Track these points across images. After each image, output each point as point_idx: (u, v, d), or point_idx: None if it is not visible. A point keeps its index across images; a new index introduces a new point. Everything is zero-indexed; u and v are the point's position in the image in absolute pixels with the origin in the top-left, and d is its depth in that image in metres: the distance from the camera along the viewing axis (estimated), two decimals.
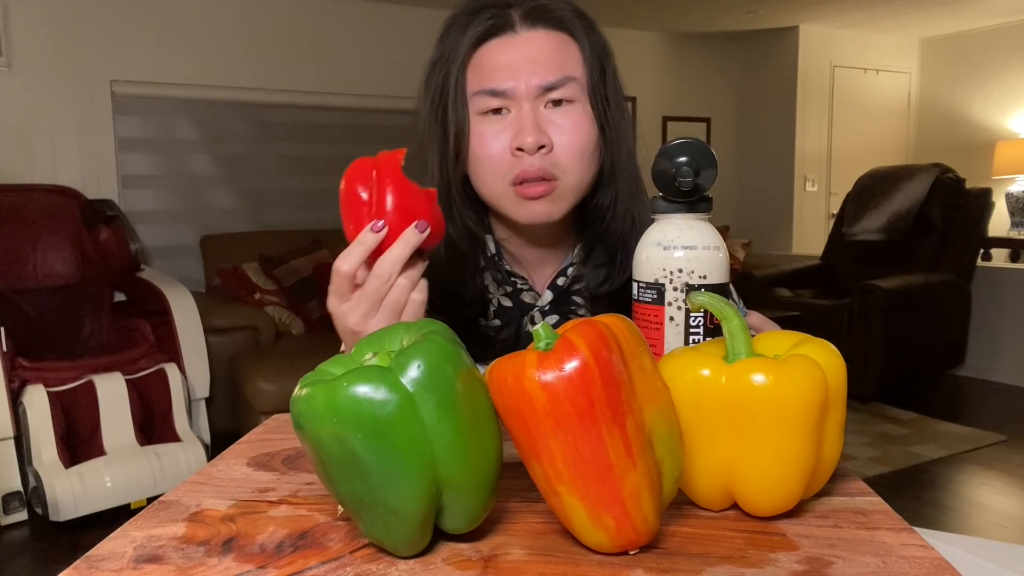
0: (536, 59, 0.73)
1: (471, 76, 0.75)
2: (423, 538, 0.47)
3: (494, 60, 0.74)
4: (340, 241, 0.58)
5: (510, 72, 0.73)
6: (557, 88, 0.73)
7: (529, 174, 0.72)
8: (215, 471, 0.64)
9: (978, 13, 4.72)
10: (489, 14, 0.74)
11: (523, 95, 0.73)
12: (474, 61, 0.75)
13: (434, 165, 0.77)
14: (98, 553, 0.49)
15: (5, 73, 3.34)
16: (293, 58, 4.00)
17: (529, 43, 0.73)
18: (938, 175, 4.06)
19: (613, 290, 0.80)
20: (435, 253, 0.77)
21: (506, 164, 0.73)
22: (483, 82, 0.74)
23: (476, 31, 0.74)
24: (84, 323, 3.12)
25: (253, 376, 2.92)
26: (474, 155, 0.75)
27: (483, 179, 0.76)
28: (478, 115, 0.75)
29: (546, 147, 0.72)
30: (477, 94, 0.74)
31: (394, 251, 0.58)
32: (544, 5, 0.75)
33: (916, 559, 0.46)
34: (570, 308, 0.83)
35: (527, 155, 0.72)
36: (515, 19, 0.74)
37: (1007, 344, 4.12)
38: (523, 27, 0.74)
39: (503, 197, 0.75)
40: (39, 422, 2.42)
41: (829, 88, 5.23)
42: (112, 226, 3.17)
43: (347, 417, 0.42)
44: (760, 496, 0.50)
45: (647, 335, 0.60)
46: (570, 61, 0.74)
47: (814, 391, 0.47)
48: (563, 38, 0.75)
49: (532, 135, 0.71)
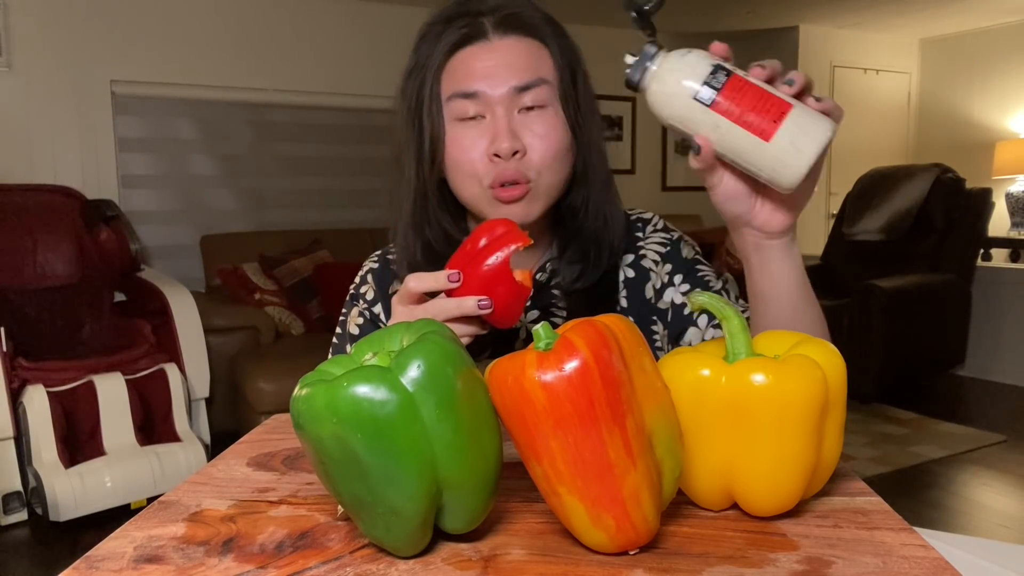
0: (509, 64, 0.75)
1: (445, 82, 0.77)
2: (423, 538, 0.47)
3: (468, 66, 0.76)
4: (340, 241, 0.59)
5: (484, 76, 0.75)
6: (531, 89, 0.75)
7: (505, 177, 0.75)
8: (215, 471, 0.64)
9: (978, 13, 4.72)
10: (462, 23, 0.77)
11: (497, 101, 0.75)
12: (448, 68, 0.77)
13: (410, 170, 0.80)
14: (98, 553, 0.49)
15: (5, 73, 3.34)
16: (293, 58, 3.99)
17: (502, 49, 0.76)
18: (938, 175, 4.06)
19: (588, 286, 0.83)
20: (413, 259, 0.81)
21: (483, 169, 0.76)
22: (457, 86, 0.76)
23: (450, 39, 0.77)
24: (84, 323, 3.12)
25: (253, 376, 2.92)
26: (451, 160, 0.77)
27: (461, 183, 0.78)
28: (454, 121, 0.77)
29: (520, 152, 0.75)
30: (452, 98, 0.76)
31: (448, 303, 0.63)
32: (516, 13, 0.77)
33: (916, 559, 0.46)
34: (550, 302, 0.85)
35: (503, 160, 0.74)
36: (487, 27, 0.76)
37: (1007, 344, 4.12)
38: (495, 35, 0.76)
39: (480, 200, 0.77)
40: (39, 422, 2.42)
41: (829, 88, 5.23)
42: (112, 226, 3.17)
43: (347, 417, 0.42)
44: (760, 496, 0.50)
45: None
46: (542, 66, 0.77)
47: (814, 391, 0.47)
48: (534, 44, 0.77)
49: (507, 141, 0.73)
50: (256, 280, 3.50)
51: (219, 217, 3.90)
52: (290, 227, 3.96)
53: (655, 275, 0.85)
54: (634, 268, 0.86)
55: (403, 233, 0.82)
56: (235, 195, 3.97)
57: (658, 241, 0.87)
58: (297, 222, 4.02)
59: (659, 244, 0.87)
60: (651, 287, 0.85)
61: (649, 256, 0.86)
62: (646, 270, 0.86)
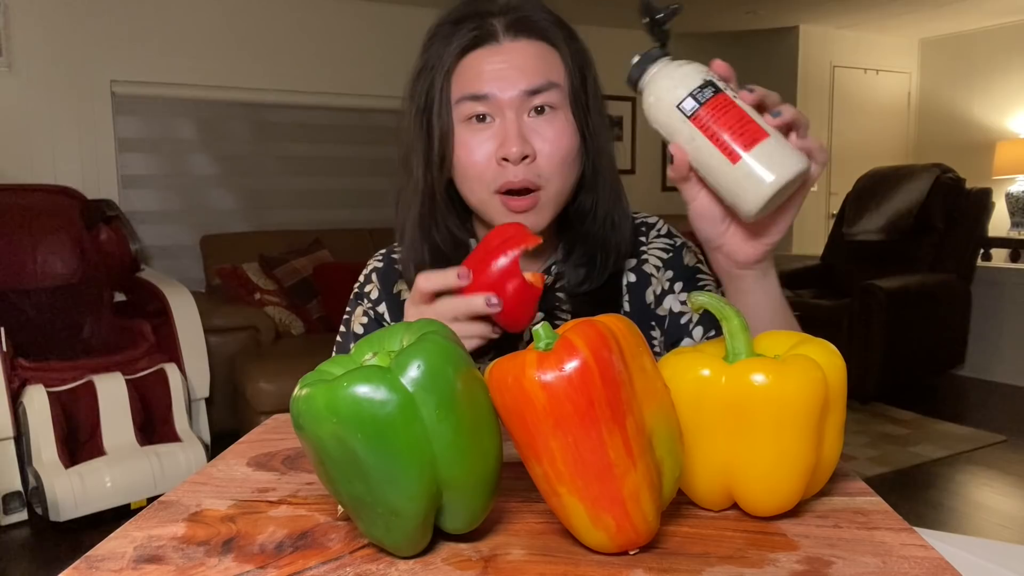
0: (519, 67, 0.75)
1: (455, 84, 0.77)
2: (423, 538, 0.47)
3: (478, 68, 0.75)
4: (340, 241, 0.59)
5: (494, 79, 0.74)
6: (541, 93, 0.75)
7: (513, 184, 0.74)
8: (215, 471, 0.64)
9: (978, 13, 4.72)
10: (472, 24, 0.76)
11: (507, 104, 0.74)
12: (459, 70, 0.77)
13: (418, 171, 0.79)
14: (98, 553, 0.49)
15: (5, 73, 3.34)
16: (293, 58, 3.99)
17: (512, 52, 0.75)
18: (938, 175, 4.06)
19: (593, 289, 0.82)
20: (421, 261, 0.80)
21: (491, 173, 0.75)
22: (467, 88, 0.75)
23: (460, 41, 0.76)
24: (84, 323, 3.12)
25: (253, 376, 2.92)
26: (459, 162, 0.77)
27: (469, 186, 0.78)
28: (463, 122, 0.76)
29: (529, 157, 0.74)
30: (461, 100, 0.76)
31: (457, 302, 0.64)
32: (526, 16, 0.77)
33: (916, 559, 0.46)
34: (554, 304, 0.85)
35: (511, 165, 0.74)
36: (498, 29, 0.76)
37: (1007, 344, 4.12)
38: (506, 37, 0.76)
39: (488, 204, 0.77)
40: (39, 422, 2.42)
41: (829, 88, 5.23)
42: (112, 226, 3.17)
43: (347, 417, 0.42)
44: (760, 496, 0.50)
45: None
46: (552, 69, 0.76)
47: (814, 391, 0.47)
48: (545, 47, 0.77)
49: (516, 145, 0.73)
50: (256, 280, 3.50)
51: (219, 217, 3.90)
52: (290, 227, 3.96)
53: (656, 280, 0.85)
54: (636, 273, 0.86)
55: (411, 235, 0.81)
56: (235, 195, 3.97)
57: (661, 247, 0.87)
58: (297, 222, 4.02)
59: (662, 250, 0.87)
60: (651, 292, 0.85)
61: (651, 261, 0.86)
62: (647, 275, 0.85)
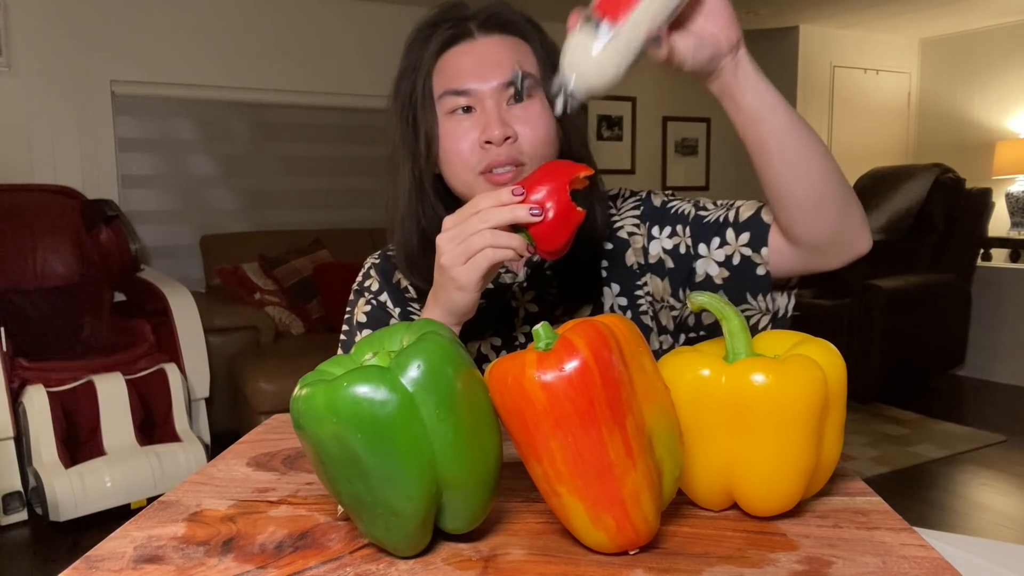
0: (495, 60, 0.81)
1: (437, 81, 0.83)
2: (423, 538, 0.47)
3: (457, 64, 0.82)
4: (340, 241, 0.59)
5: (473, 73, 0.80)
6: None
7: (497, 162, 0.79)
8: (215, 471, 0.64)
9: (978, 13, 4.72)
10: (448, 25, 0.83)
11: (487, 94, 0.80)
12: (439, 68, 0.83)
13: (405, 167, 0.85)
14: (98, 553, 0.49)
15: (5, 73, 3.34)
16: (292, 58, 3.99)
17: (487, 47, 0.82)
18: (938, 175, 4.06)
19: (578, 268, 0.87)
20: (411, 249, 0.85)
21: (476, 157, 0.80)
22: (449, 84, 0.81)
23: (439, 40, 0.83)
24: (84, 323, 3.12)
25: (253, 376, 2.92)
26: (445, 151, 0.82)
27: (455, 172, 0.83)
28: (446, 115, 0.82)
29: (511, 138, 0.79)
30: (444, 95, 0.82)
31: (501, 209, 0.65)
32: (497, 13, 0.84)
33: (916, 559, 0.46)
34: (544, 286, 0.89)
35: (495, 147, 0.79)
36: (472, 28, 0.83)
37: (1007, 344, 4.11)
38: (480, 34, 0.83)
39: (474, 186, 0.81)
40: (39, 422, 2.42)
41: (829, 88, 5.23)
42: (112, 226, 3.17)
43: (347, 417, 0.42)
44: (760, 496, 0.50)
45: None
46: (525, 60, 0.82)
47: (814, 391, 0.47)
48: (517, 41, 0.84)
49: (499, 128, 0.78)
50: (256, 280, 3.50)
51: (219, 217, 3.90)
52: (290, 227, 3.96)
53: (638, 238, 0.88)
54: (612, 241, 0.90)
55: (400, 225, 0.86)
56: (235, 195, 3.96)
57: (631, 207, 0.91)
58: (297, 222, 4.02)
59: (633, 209, 0.90)
60: (631, 253, 0.88)
61: (626, 227, 0.89)
62: (623, 240, 0.89)
